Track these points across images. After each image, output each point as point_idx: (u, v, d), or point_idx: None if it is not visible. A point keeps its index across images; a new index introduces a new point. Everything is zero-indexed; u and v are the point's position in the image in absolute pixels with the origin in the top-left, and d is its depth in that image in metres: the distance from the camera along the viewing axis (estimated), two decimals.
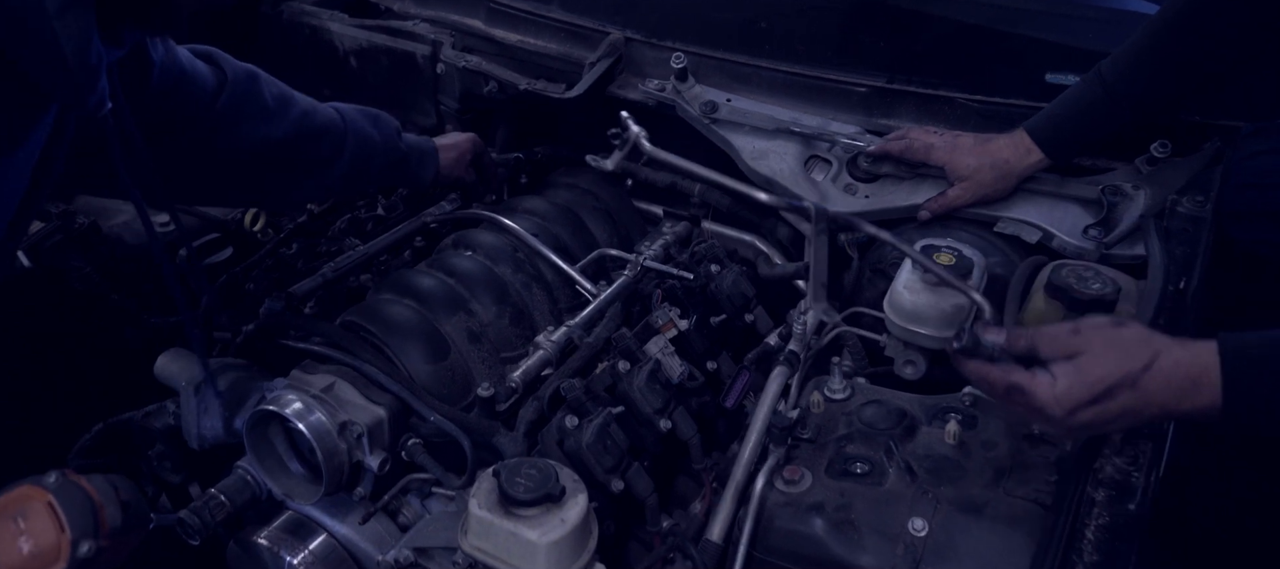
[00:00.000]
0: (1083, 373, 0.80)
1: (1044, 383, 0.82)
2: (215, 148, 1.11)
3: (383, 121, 1.33)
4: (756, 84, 1.52)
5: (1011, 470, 0.95)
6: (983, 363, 0.87)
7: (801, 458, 1.03)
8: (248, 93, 1.13)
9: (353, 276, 1.36)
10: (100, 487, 0.90)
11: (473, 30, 1.73)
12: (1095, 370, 0.80)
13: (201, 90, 1.08)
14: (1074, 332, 0.84)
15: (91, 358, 1.28)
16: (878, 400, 1.09)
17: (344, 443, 1.04)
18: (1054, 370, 0.83)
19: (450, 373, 1.14)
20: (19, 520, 0.82)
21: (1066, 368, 0.82)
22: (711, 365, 1.27)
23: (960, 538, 0.91)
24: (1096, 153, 1.31)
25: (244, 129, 1.12)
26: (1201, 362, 0.77)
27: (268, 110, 1.14)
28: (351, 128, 1.27)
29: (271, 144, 1.14)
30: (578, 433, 1.04)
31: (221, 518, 1.07)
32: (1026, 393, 0.84)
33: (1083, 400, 0.81)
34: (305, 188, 1.26)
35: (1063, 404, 0.81)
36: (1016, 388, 0.85)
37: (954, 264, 1.16)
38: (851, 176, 1.41)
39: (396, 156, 1.33)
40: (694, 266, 1.35)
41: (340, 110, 1.27)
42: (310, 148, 1.20)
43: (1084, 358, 0.81)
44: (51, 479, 0.87)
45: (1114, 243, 1.20)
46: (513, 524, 0.89)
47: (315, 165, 1.23)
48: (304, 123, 1.19)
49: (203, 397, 1.07)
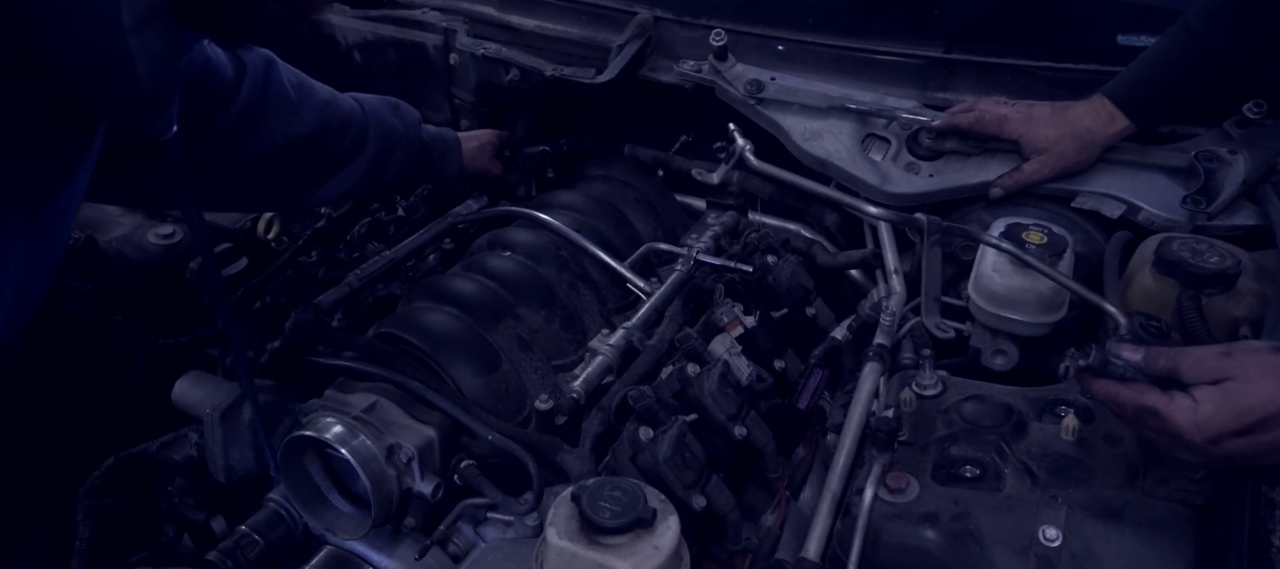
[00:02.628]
0: (1231, 399, 0.72)
1: (1185, 407, 0.74)
2: (238, 147, 0.99)
3: (403, 110, 1.23)
4: (801, 61, 1.41)
5: (1147, 468, 0.86)
6: (1112, 383, 0.79)
7: (901, 462, 0.93)
8: (268, 82, 1.01)
9: (380, 285, 1.25)
10: None
11: (485, 17, 1.61)
12: (1246, 398, 0.72)
13: (223, 81, 0.96)
14: (1225, 354, 0.75)
15: (96, 384, 1.15)
16: (978, 395, 0.99)
17: (392, 469, 0.93)
18: (1196, 394, 0.74)
19: (503, 386, 1.03)
20: None
21: (1211, 393, 0.73)
22: (779, 364, 1.17)
23: (1101, 547, 0.81)
24: (1177, 118, 1.22)
25: (268, 124, 1.01)
26: None
27: (290, 101, 1.03)
28: (372, 118, 1.16)
29: (296, 140, 1.03)
30: (654, 446, 0.93)
31: (254, 557, 0.96)
32: (1162, 417, 0.76)
33: (1228, 430, 0.72)
34: (327, 187, 1.14)
35: (1205, 431, 0.73)
36: (1150, 410, 0.77)
37: (1046, 242, 1.07)
38: (912, 155, 1.31)
39: (419, 149, 1.23)
40: (748, 258, 1.25)
41: (359, 100, 1.16)
42: (334, 142, 1.09)
43: (1233, 383, 0.73)
44: None
45: (1217, 212, 1.11)
46: (599, 554, 0.78)
47: (338, 161, 1.12)
48: (326, 113, 1.07)
49: (230, 424, 0.95)
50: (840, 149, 1.32)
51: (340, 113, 1.10)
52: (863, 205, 1.27)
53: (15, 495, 1.05)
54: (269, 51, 1.04)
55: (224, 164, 0.99)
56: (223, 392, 0.96)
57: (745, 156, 1.33)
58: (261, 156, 1.01)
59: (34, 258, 0.68)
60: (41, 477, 1.06)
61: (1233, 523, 0.71)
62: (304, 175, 1.09)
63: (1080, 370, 0.79)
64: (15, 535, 1.06)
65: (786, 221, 1.43)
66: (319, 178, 1.10)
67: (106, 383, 1.16)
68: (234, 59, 0.98)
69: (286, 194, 1.13)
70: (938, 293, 1.08)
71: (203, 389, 0.97)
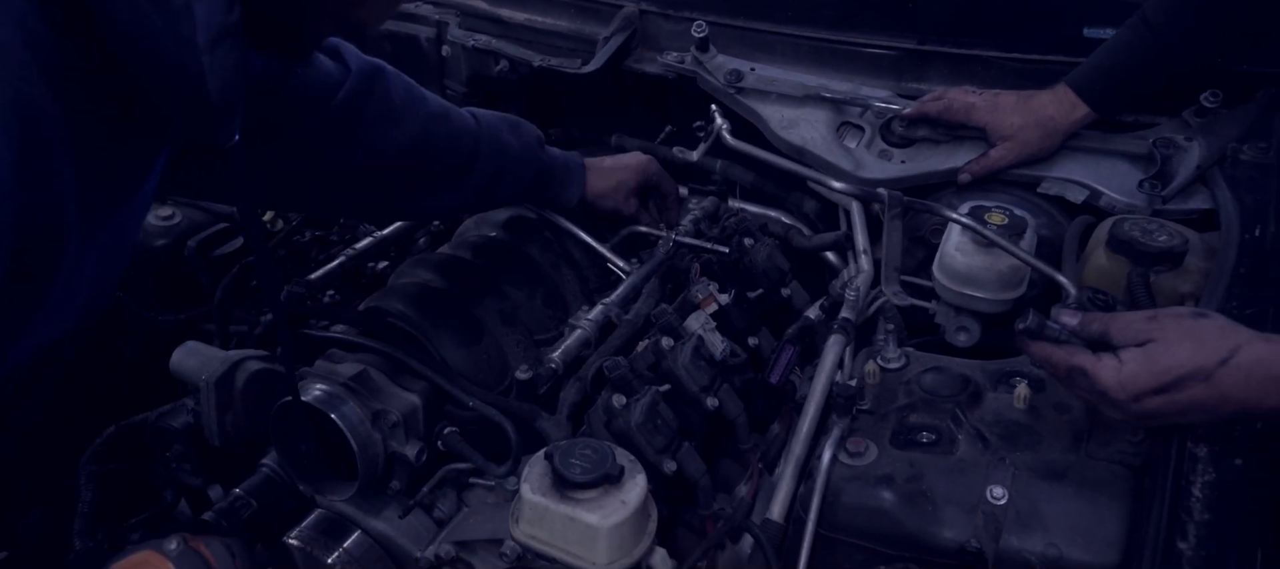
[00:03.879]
0: (1152, 360, 0.77)
1: (1110, 367, 0.79)
2: (327, 151, 0.99)
3: (523, 128, 1.20)
4: (780, 52, 1.46)
5: (1091, 432, 0.91)
6: (1047, 344, 0.84)
7: (862, 430, 0.98)
8: (370, 91, 1.00)
9: (371, 262, 1.29)
10: (218, 553, 0.89)
11: (476, 10, 1.66)
12: (1165, 359, 0.77)
13: (318, 86, 0.97)
14: (1150, 319, 0.80)
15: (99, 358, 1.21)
16: (938, 368, 1.04)
17: (378, 433, 0.98)
18: (1122, 355, 0.79)
19: (485, 357, 1.08)
20: None
21: (1135, 354, 0.78)
22: (753, 341, 1.22)
23: (1044, 505, 0.86)
24: (1140, 108, 1.27)
25: (363, 132, 1.00)
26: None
27: (392, 112, 1.02)
28: (487, 133, 1.13)
29: (393, 150, 1.02)
30: (626, 412, 0.98)
31: (247, 518, 1.01)
32: (1090, 376, 0.81)
33: (1148, 388, 0.77)
34: (426, 201, 1.12)
35: (1128, 389, 0.78)
36: (1080, 370, 0.82)
37: (1007, 224, 1.12)
38: (886, 142, 1.36)
39: (536, 169, 1.19)
40: (726, 241, 1.29)
41: (476, 115, 1.14)
42: (438, 156, 1.07)
43: (1155, 345, 0.78)
44: (173, 546, 0.87)
45: (1172, 196, 1.15)
46: (570, 508, 0.83)
47: (441, 176, 1.09)
48: (433, 127, 1.06)
49: (224, 391, 1.00)
50: (816, 136, 1.37)
51: (450, 128, 1.09)
52: (828, 180, 1.31)
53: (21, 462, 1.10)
54: (383, 62, 1.04)
55: (309, 167, 1.00)
56: (217, 361, 1.01)
57: (723, 135, 1.38)
58: (353, 163, 1.01)
59: (105, 262, 0.72)
60: (46, 445, 1.11)
61: (1158, 475, 0.76)
62: (400, 186, 1.08)
63: (1019, 332, 0.84)
64: (21, 500, 1.11)
65: (767, 208, 1.48)
66: (418, 190, 1.09)
67: (109, 356, 1.21)
68: (340, 65, 0.99)
69: (380, 203, 1.12)
70: (897, 263, 1.12)
71: (198, 359, 1.02)
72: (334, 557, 1.01)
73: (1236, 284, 0.91)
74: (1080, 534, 0.83)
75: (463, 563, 0.99)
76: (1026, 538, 0.84)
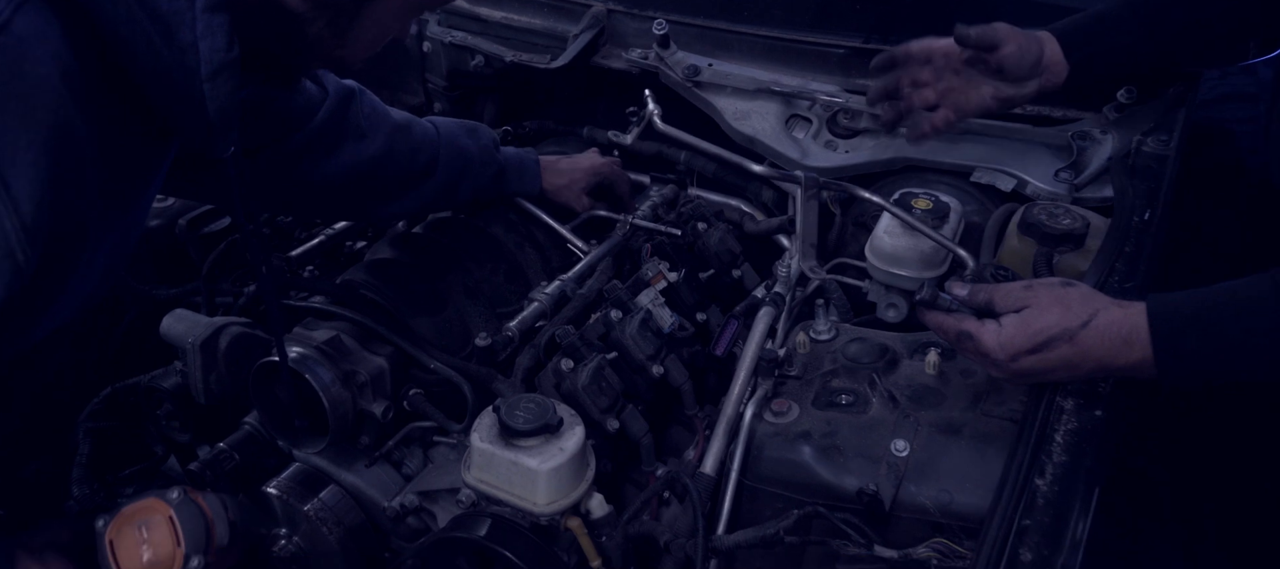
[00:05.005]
0: (1025, 324, 0.87)
1: (991, 330, 0.89)
2: (308, 164, 1.12)
3: (480, 133, 1.31)
4: (737, 49, 1.56)
5: (988, 394, 1.00)
6: (939, 313, 0.93)
7: (789, 393, 1.07)
8: (345, 110, 1.14)
9: (349, 241, 1.39)
10: (214, 506, 0.98)
11: (457, 9, 1.76)
12: (1037, 322, 0.86)
13: (302, 107, 1.10)
14: (1027, 288, 0.90)
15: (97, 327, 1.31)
16: (861, 338, 1.13)
17: (348, 393, 1.07)
18: (1002, 321, 0.89)
19: (448, 325, 1.18)
20: (142, 530, 0.92)
21: (1012, 318, 0.88)
22: (701, 317, 1.31)
23: (940, 457, 0.96)
24: (1067, 104, 1.36)
25: (340, 146, 1.13)
26: (1133, 321, 0.83)
27: (361, 128, 1.15)
28: (446, 142, 1.25)
29: (364, 162, 1.16)
30: (573, 375, 1.08)
31: (230, 470, 1.11)
32: (974, 339, 0.91)
33: (1023, 349, 0.87)
34: (395, 205, 1.25)
35: (1005, 350, 0.88)
36: (966, 334, 0.92)
37: (931, 209, 1.21)
38: (831, 133, 1.45)
39: (493, 170, 1.31)
40: (682, 225, 1.39)
41: (437, 124, 1.26)
42: (402, 164, 1.20)
43: (1029, 311, 0.87)
44: (174, 495, 0.95)
45: (1084, 185, 1.25)
46: (513, 454, 0.93)
47: (408, 181, 1.22)
48: (397, 138, 1.19)
49: (209, 353, 1.10)
50: (767, 127, 1.47)
51: (412, 138, 1.21)
52: (748, 163, 1.41)
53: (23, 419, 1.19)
54: (354, 83, 1.17)
55: (294, 177, 1.13)
56: (202, 326, 1.11)
57: (654, 121, 1.47)
58: (330, 174, 1.14)
59: (115, 251, 0.84)
60: (47, 404, 1.21)
61: (1028, 423, 0.85)
62: (372, 192, 1.20)
63: (916, 302, 0.94)
64: (22, 453, 1.21)
65: (727, 197, 1.57)
66: (388, 195, 1.22)
67: (106, 326, 1.31)
68: (319, 88, 1.12)
69: (355, 208, 1.26)
70: (813, 239, 1.22)
71: (185, 324, 1.12)
72: (309, 505, 1.10)
73: (1120, 261, 1.01)
74: (970, 481, 0.92)
75: (426, 511, 1.09)
76: (923, 485, 0.94)
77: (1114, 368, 0.84)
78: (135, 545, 0.90)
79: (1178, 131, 1.22)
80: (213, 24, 0.72)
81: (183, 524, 0.92)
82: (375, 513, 1.12)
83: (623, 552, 1.00)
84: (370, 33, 0.86)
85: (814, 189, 1.22)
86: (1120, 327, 0.82)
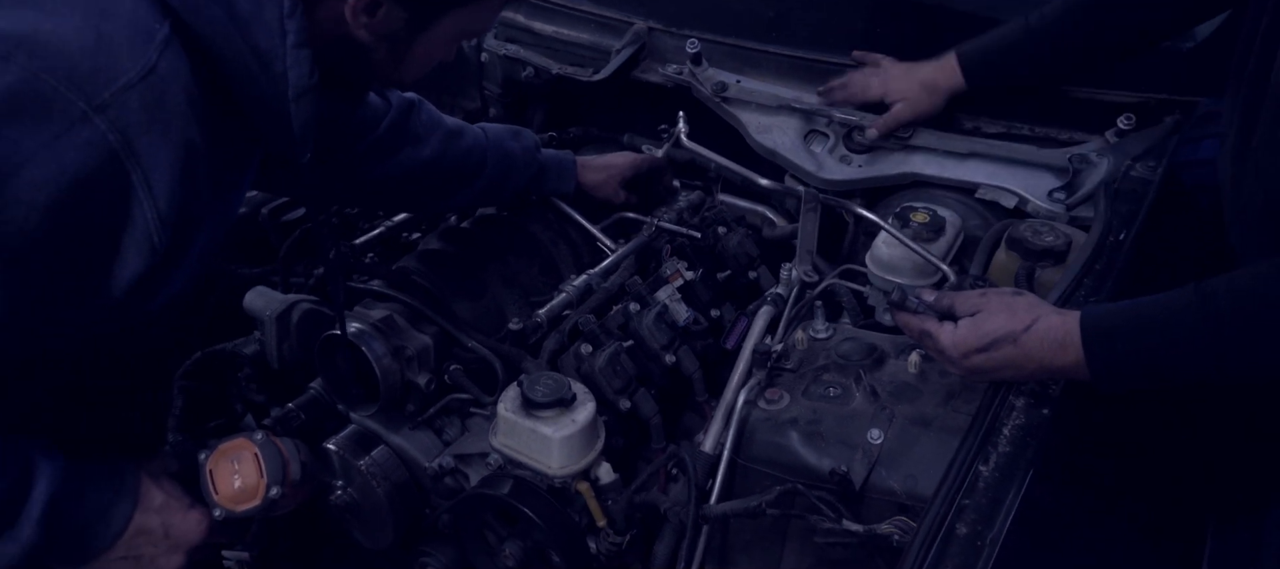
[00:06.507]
0: (976, 326, 0.99)
1: (947, 330, 1.01)
2: (372, 167, 1.30)
3: (524, 136, 1.48)
4: (764, 67, 1.68)
5: (961, 393, 1.11)
6: (907, 313, 1.05)
7: (784, 384, 1.20)
8: (405, 121, 1.31)
9: (406, 231, 1.57)
10: (290, 449, 1.15)
11: (514, 22, 1.92)
12: (986, 325, 0.98)
13: (368, 118, 1.27)
14: (981, 295, 1.01)
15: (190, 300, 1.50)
16: (854, 338, 1.25)
17: (397, 365, 1.24)
18: (959, 323, 1.00)
19: (486, 310, 1.34)
20: (235, 462, 1.11)
21: (966, 322, 1.00)
22: (716, 313, 1.44)
23: (912, 446, 1.07)
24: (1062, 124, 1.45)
25: (399, 152, 1.31)
26: (1068, 328, 0.93)
27: (418, 135, 1.32)
28: (493, 143, 1.40)
29: (419, 164, 1.33)
30: (591, 359, 1.22)
31: (296, 427, 1.29)
32: (933, 338, 1.02)
33: (973, 348, 0.99)
34: (450, 200, 1.42)
35: (958, 349, 1.00)
36: (927, 333, 1.04)
37: (928, 222, 1.32)
38: (847, 148, 1.56)
39: (535, 169, 1.46)
40: (704, 229, 1.52)
41: (486, 129, 1.43)
42: (453, 164, 1.37)
43: (981, 315, 0.99)
44: (258, 436, 1.13)
45: (1076, 204, 1.33)
46: (532, 423, 1.08)
47: (457, 180, 1.39)
48: (449, 143, 1.36)
49: (283, 325, 1.28)
50: (786, 141, 1.58)
51: (464, 142, 1.37)
52: (756, 178, 1.54)
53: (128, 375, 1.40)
54: (414, 95, 1.35)
55: (359, 177, 1.31)
56: (278, 302, 1.29)
57: (681, 138, 1.61)
58: (390, 174, 1.31)
59: (214, 233, 1.02)
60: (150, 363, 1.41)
61: (981, 415, 0.96)
62: (429, 189, 1.37)
63: (889, 303, 1.05)
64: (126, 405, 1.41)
65: (755, 203, 1.69)
66: (443, 192, 1.38)
67: (197, 299, 1.51)
68: (383, 101, 1.30)
69: (413, 202, 1.46)
70: (812, 247, 1.34)
71: (264, 299, 1.30)
72: (362, 461, 1.27)
73: (1090, 277, 1.10)
74: (935, 469, 1.03)
75: (460, 472, 1.25)
76: (893, 471, 1.05)
77: (1053, 369, 0.94)
78: (229, 474, 1.09)
79: (1166, 159, 1.29)
80: (300, 58, 0.89)
81: (266, 460, 1.10)
82: (417, 471, 1.28)
83: (626, 515, 1.14)
84: (422, 58, 1.03)
85: (814, 203, 1.34)
86: (1057, 332, 0.93)
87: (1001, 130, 1.49)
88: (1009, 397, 0.97)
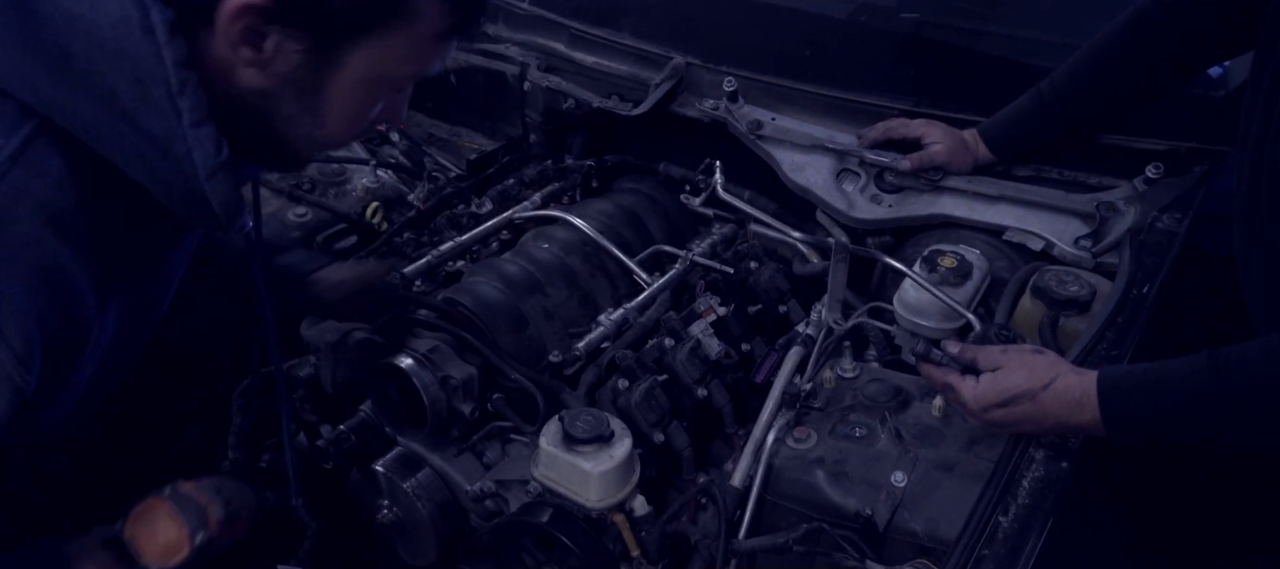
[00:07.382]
0: (996, 382, 1.03)
1: (969, 384, 1.05)
2: None
3: None
4: (799, 104, 1.72)
5: (983, 439, 1.15)
6: (931, 365, 1.09)
7: (812, 422, 1.24)
8: None
9: (451, 262, 1.64)
10: (205, 490, 1.14)
11: (556, 53, 1.99)
12: (1006, 382, 1.02)
13: None
14: (1003, 351, 1.06)
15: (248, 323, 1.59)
16: (880, 379, 1.29)
17: (443, 393, 1.31)
18: (981, 378, 1.04)
19: (528, 343, 1.40)
20: (152, 524, 1.10)
21: (988, 377, 1.04)
22: (746, 347, 1.49)
23: (934, 490, 1.11)
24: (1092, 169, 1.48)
25: None
26: (1085, 388, 0.97)
27: None
28: None
29: None
30: (628, 393, 1.28)
31: (347, 448, 1.36)
32: (955, 390, 1.07)
33: (993, 403, 1.03)
34: None
35: (978, 402, 1.04)
36: (949, 386, 1.08)
37: (955, 266, 1.36)
38: (878, 188, 1.60)
39: None
40: (736, 263, 1.57)
41: None
42: None
43: (1002, 371, 1.03)
44: (166, 491, 1.12)
45: (1102, 252, 1.36)
46: (572, 457, 1.14)
47: None
48: None
49: (337, 352, 1.35)
50: (819, 180, 1.63)
51: None
52: (788, 230, 1.60)
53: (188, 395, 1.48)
54: None
55: None
56: (333, 330, 1.37)
57: (717, 189, 1.68)
58: None
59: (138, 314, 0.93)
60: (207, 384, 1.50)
61: (1002, 466, 1.00)
62: None
63: (914, 355, 1.10)
64: (184, 422, 1.50)
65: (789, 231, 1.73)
66: None
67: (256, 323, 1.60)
68: None
69: None
70: (841, 295, 1.38)
71: (319, 328, 1.38)
72: (408, 483, 1.35)
73: (1111, 330, 1.13)
74: (956, 513, 1.07)
75: (500, 497, 1.32)
76: (915, 514, 1.10)
77: (1070, 426, 0.98)
78: (149, 536, 1.09)
79: (1192, 211, 1.32)
80: (201, 136, 0.81)
81: (181, 511, 1.10)
82: (460, 494, 1.35)
83: (659, 546, 1.19)
84: (341, 107, 0.89)
85: (844, 253, 1.39)
86: (1074, 391, 0.97)
87: (1031, 173, 1.53)
88: (1029, 448, 1.01)
